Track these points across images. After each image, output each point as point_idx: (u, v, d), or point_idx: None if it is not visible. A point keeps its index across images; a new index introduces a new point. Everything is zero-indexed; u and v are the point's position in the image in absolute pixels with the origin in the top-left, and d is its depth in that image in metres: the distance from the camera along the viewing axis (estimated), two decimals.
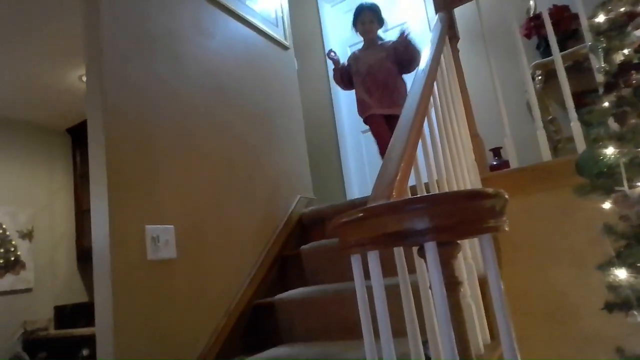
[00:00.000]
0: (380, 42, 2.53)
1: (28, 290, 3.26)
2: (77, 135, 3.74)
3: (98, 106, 1.60)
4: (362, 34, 2.53)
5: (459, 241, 0.72)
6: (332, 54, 2.54)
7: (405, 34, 2.36)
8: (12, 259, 3.23)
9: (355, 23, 2.52)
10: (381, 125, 2.39)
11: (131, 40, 1.75)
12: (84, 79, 3.01)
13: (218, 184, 1.99)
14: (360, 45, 2.61)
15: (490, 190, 0.66)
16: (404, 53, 2.38)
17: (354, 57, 2.57)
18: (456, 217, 0.64)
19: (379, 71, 2.42)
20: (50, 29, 2.56)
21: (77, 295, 3.51)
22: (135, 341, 1.48)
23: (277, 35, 2.74)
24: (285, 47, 2.81)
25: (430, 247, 0.64)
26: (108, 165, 1.54)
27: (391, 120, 2.35)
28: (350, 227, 0.71)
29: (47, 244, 3.47)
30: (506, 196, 0.68)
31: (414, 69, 2.35)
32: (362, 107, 2.48)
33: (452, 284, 0.69)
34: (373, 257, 0.74)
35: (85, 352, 2.77)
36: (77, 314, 3.26)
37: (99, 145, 1.57)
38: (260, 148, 2.34)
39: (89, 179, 1.61)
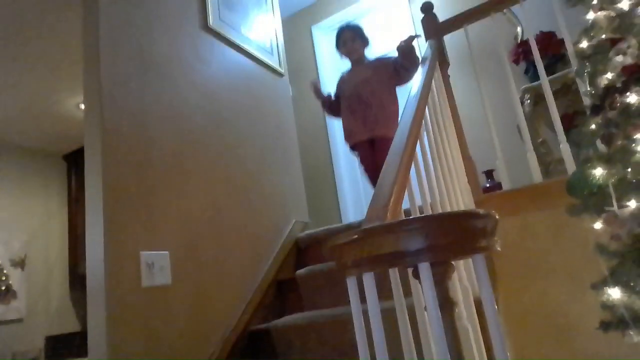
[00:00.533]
0: (367, 61, 2.42)
1: (19, 320, 3.20)
2: (73, 161, 3.74)
3: (96, 131, 1.62)
4: (346, 55, 2.43)
5: (453, 262, 0.73)
6: (314, 83, 2.46)
7: (415, 35, 2.22)
8: (3, 288, 3.18)
9: (338, 45, 2.43)
10: (367, 151, 2.27)
11: (130, 66, 1.79)
12: (82, 106, 3.05)
13: (214, 208, 2.00)
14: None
15: (480, 211, 0.68)
16: (404, 59, 2.19)
17: (341, 81, 2.47)
18: (449, 237, 0.65)
19: (363, 90, 2.29)
20: (49, 55, 2.61)
21: (69, 325, 3.45)
22: None
23: (273, 62, 2.80)
24: (280, 74, 2.87)
25: (425, 268, 0.65)
26: (104, 190, 1.55)
27: (377, 144, 2.22)
28: (346, 248, 0.72)
29: (39, 272, 3.43)
30: (497, 217, 0.70)
31: (410, 78, 2.13)
32: (347, 133, 2.36)
33: (446, 305, 0.70)
34: (368, 279, 0.74)
35: None
36: (69, 344, 3.19)
37: (96, 170, 1.58)
38: (257, 172, 2.36)
39: (83, 205, 1.61)
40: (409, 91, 1.61)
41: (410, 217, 0.71)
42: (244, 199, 2.20)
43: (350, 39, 2.37)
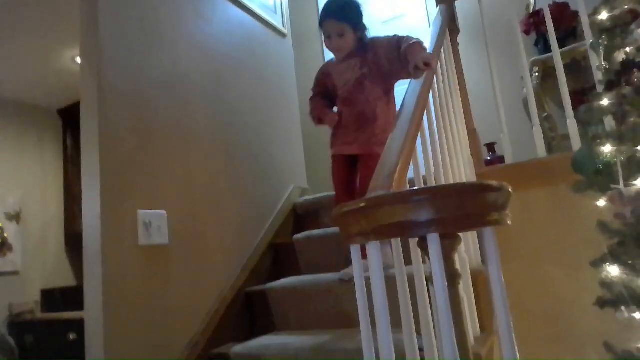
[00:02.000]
0: (360, 48, 1.75)
1: (15, 273, 3.22)
2: (69, 117, 3.66)
3: (92, 87, 1.57)
4: (332, 52, 1.80)
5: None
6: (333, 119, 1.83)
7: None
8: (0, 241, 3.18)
9: (322, 30, 1.77)
10: (345, 166, 1.80)
11: (129, 23, 1.71)
12: (77, 60, 2.96)
13: (213, 170, 1.97)
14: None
15: (495, 183, 0.66)
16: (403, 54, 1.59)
17: (326, 75, 1.85)
18: (461, 209, 0.63)
19: (356, 96, 1.73)
20: (45, 8, 2.50)
21: (65, 279, 3.48)
22: (126, 325, 1.47)
23: (276, 22, 2.71)
24: (283, 35, 2.78)
25: (434, 239, 0.64)
26: (101, 148, 1.52)
27: (363, 160, 1.72)
28: (353, 216, 0.71)
29: (35, 227, 3.42)
30: (510, 190, 0.68)
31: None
32: (334, 140, 1.85)
33: (452, 277, 0.69)
34: (373, 248, 0.73)
35: (72, 336, 2.75)
36: (65, 297, 3.23)
37: (92, 127, 1.55)
38: (257, 136, 2.32)
39: (79, 162, 1.58)
40: None
41: (422, 187, 0.69)
42: (242, 162, 2.18)
43: (337, 33, 1.69)
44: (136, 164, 1.63)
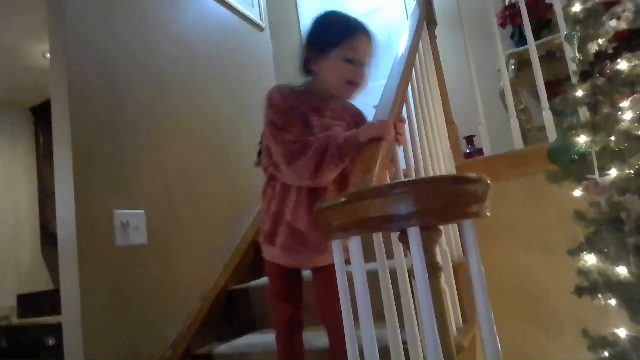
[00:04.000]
0: (346, 108, 1.27)
1: None
2: (41, 115, 3.56)
3: (62, 81, 1.51)
4: (345, 85, 1.14)
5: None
6: None
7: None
8: None
9: (340, 44, 1.11)
10: (295, 280, 1.26)
11: (99, 13, 1.66)
12: (48, 55, 2.87)
13: (191, 167, 1.94)
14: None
15: (473, 175, 0.66)
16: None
17: (303, 115, 1.17)
18: (440, 202, 0.63)
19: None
20: (14, 2, 2.41)
21: (42, 284, 3.38)
22: (105, 328, 1.44)
23: (253, 15, 2.67)
24: (260, 28, 2.75)
25: (414, 233, 0.64)
26: (74, 146, 1.47)
27: (326, 273, 1.18)
28: (334, 211, 0.70)
29: (8, 229, 3.32)
30: (488, 182, 0.68)
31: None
32: (289, 241, 1.19)
33: (434, 270, 0.69)
34: (355, 243, 0.72)
35: (51, 341, 2.68)
36: (42, 302, 3.14)
37: (64, 123, 1.50)
38: (237, 131, 2.29)
39: (53, 161, 1.53)
40: (396, 51, 1.55)
41: (401, 181, 0.69)
42: (223, 158, 2.15)
43: (368, 62, 1.15)
44: (111, 161, 1.59)
